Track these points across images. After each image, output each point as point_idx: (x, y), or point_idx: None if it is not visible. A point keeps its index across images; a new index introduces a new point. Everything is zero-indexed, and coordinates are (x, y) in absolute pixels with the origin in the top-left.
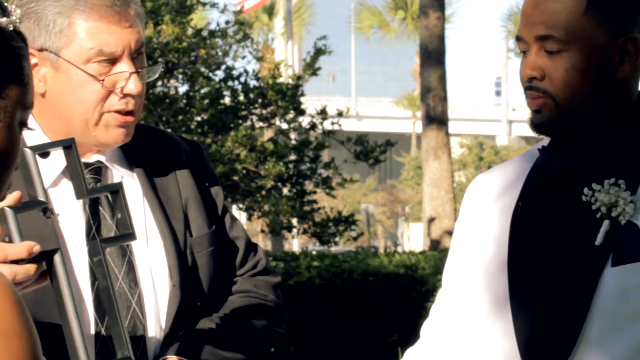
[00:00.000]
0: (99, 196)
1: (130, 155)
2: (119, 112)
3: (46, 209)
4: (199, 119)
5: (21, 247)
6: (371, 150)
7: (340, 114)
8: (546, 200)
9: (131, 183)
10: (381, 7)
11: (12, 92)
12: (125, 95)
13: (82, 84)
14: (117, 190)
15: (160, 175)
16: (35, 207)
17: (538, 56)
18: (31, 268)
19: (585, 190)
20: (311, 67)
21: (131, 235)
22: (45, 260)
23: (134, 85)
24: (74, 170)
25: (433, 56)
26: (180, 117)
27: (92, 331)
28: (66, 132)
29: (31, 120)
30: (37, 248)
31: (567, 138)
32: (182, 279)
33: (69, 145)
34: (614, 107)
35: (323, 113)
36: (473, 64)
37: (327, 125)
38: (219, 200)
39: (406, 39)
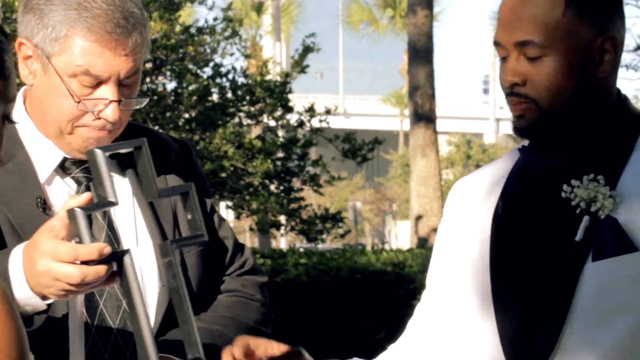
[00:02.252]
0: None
1: (119, 154)
2: (94, 127)
3: (45, 207)
4: (187, 116)
5: (92, 248)
6: (359, 148)
7: (328, 112)
8: (526, 198)
9: (121, 183)
10: (370, 4)
11: None
12: (101, 118)
13: (62, 95)
14: (187, 192)
15: None
16: (105, 208)
17: (518, 62)
18: (102, 269)
19: (565, 186)
20: (299, 65)
21: (202, 236)
22: (116, 261)
23: (110, 113)
24: (144, 171)
25: (421, 54)
26: (168, 114)
27: (82, 330)
28: (47, 129)
29: (21, 110)
30: (107, 249)
31: (549, 140)
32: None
33: (139, 146)
34: (594, 107)
35: (311, 110)
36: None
37: (315, 122)
38: (207, 200)
39: (394, 37)
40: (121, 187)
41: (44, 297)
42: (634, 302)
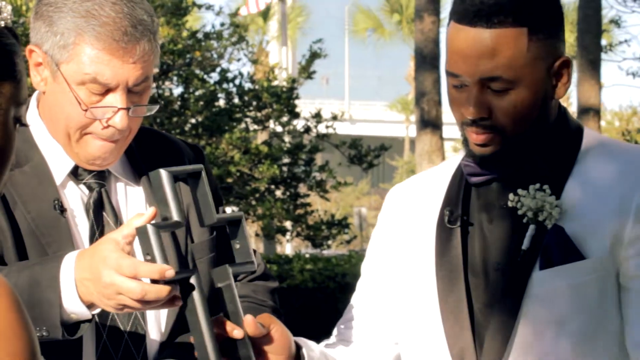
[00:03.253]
0: (220, 224)
1: (133, 159)
2: (101, 136)
3: (63, 209)
4: (193, 121)
5: (154, 269)
6: (365, 154)
7: (334, 118)
8: (472, 208)
9: (134, 189)
10: (376, 10)
11: (5, 90)
12: (110, 126)
13: (71, 103)
14: (238, 220)
15: None
16: (175, 228)
17: (482, 94)
18: (164, 290)
19: (511, 196)
20: (306, 71)
21: (252, 264)
22: (180, 282)
23: (119, 121)
24: (203, 196)
25: (428, 60)
26: (174, 119)
27: (94, 334)
28: (57, 136)
29: (35, 114)
30: (170, 273)
31: (509, 163)
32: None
33: (198, 172)
34: (550, 127)
35: (317, 116)
36: None
37: (322, 128)
38: (219, 206)
39: (401, 43)
40: (134, 194)
41: (90, 306)
42: (580, 311)
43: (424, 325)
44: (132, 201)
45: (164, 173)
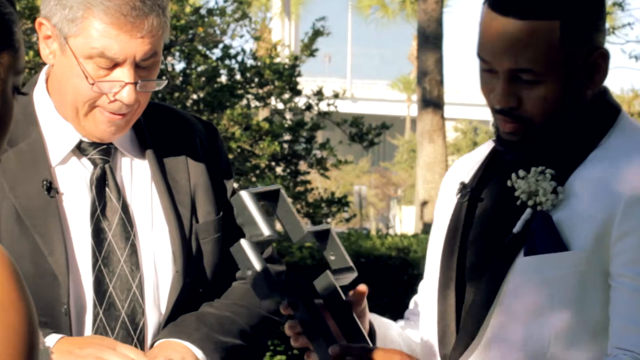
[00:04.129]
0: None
1: (141, 135)
2: (109, 110)
3: (50, 188)
4: (195, 97)
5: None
6: (366, 133)
7: (336, 96)
8: (484, 187)
9: (140, 165)
10: None
11: (4, 59)
12: (117, 100)
13: (78, 76)
14: (327, 231)
15: (170, 158)
16: (270, 244)
17: (512, 84)
18: None
19: (513, 176)
20: (308, 48)
21: (352, 270)
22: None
23: (126, 95)
24: (287, 213)
25: (430, 40)
26: (176, 95)
27: (91, 314)
28: (65, 110)
29: (43, 88)
30: None
31: (537, 152)
32: (186, 265)
33: (277, 191)
34: (578, 115)
35: (319, 94)
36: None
37: (323, 106)
38: (229, 186)
39: (403, 22)
40: (140, 171)
41: None
42: (557, 304)
43: (428, 300)
44: (137, 177)
45: (243, 194)
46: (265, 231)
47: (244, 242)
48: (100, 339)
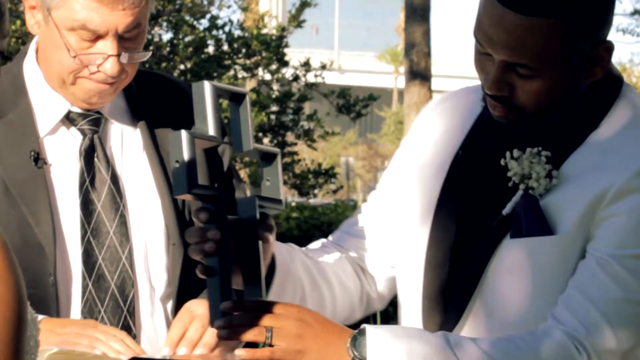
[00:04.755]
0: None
1: (133, 105)
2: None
3: (37, 159)
4: (182, 67)
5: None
6: (353, 104)
7: (323, 67)
8: (481, 158)
9: (131, 135)
10: None
11: None
12: (100, 71)
13: (61, 48)
14: (274, 155)
15: (163, 129)
16: (210, 141)
17: (505, 73)
18: None
19: (507, 154)
20: (296, 19)
21: (279, 203)
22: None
23: (109, 67)
24: (244, 122)
25: (418, 12)
26: (163, 65)
27: (80, 285)
28: (52, 80)
29: (32, 59)
30: None
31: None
32: (182, 237)
33: (243, 95)
34: (575, 100)
35: (306, 65)
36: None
37: (310, 77)
38: (225, 159)
39: None
40: (131, 141)
41: None
42: (539, 289)
43: (407, 267)
44: (128, 147)
45: (206, 84)
46: (211, 129)
47: (183, 133)
48: (81, 320)
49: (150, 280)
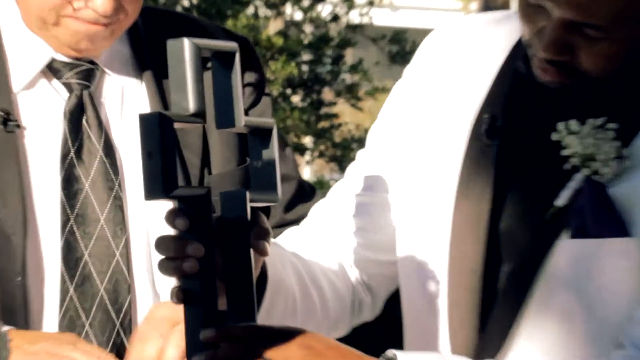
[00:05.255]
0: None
1: (139, 52)
2: (83, 19)
3: (7, 120)
4: (186, 3)
5: None
6: (409, 51)
7: (371, 3)
8: (518, 128)
9: (134, 93)
10: None
11: None
12: (89, 8)
13: None
14: (269, 130)
15: None
16: (191, 123)
17: (567, 34)
18: None
19: (560, 125)
20: None
21: (275, 194)
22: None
23: (100, 4)
24: (234, 90)
25: None
26: (162, 1)
27: (57, 290)
28: (30, 20)
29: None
30: None
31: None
32: None
33: (232, 53)
34: None
35: (349, 1)
36: None
37: (354, 16)
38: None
39: None
40: (133, 98)
41: None
42: (610, 309)
43: (419, 267)
44: (129, 107)
45: (187, 44)
46: (192, 106)
47: (158, 115)
48: (57, 333)
49: (153, 285)
